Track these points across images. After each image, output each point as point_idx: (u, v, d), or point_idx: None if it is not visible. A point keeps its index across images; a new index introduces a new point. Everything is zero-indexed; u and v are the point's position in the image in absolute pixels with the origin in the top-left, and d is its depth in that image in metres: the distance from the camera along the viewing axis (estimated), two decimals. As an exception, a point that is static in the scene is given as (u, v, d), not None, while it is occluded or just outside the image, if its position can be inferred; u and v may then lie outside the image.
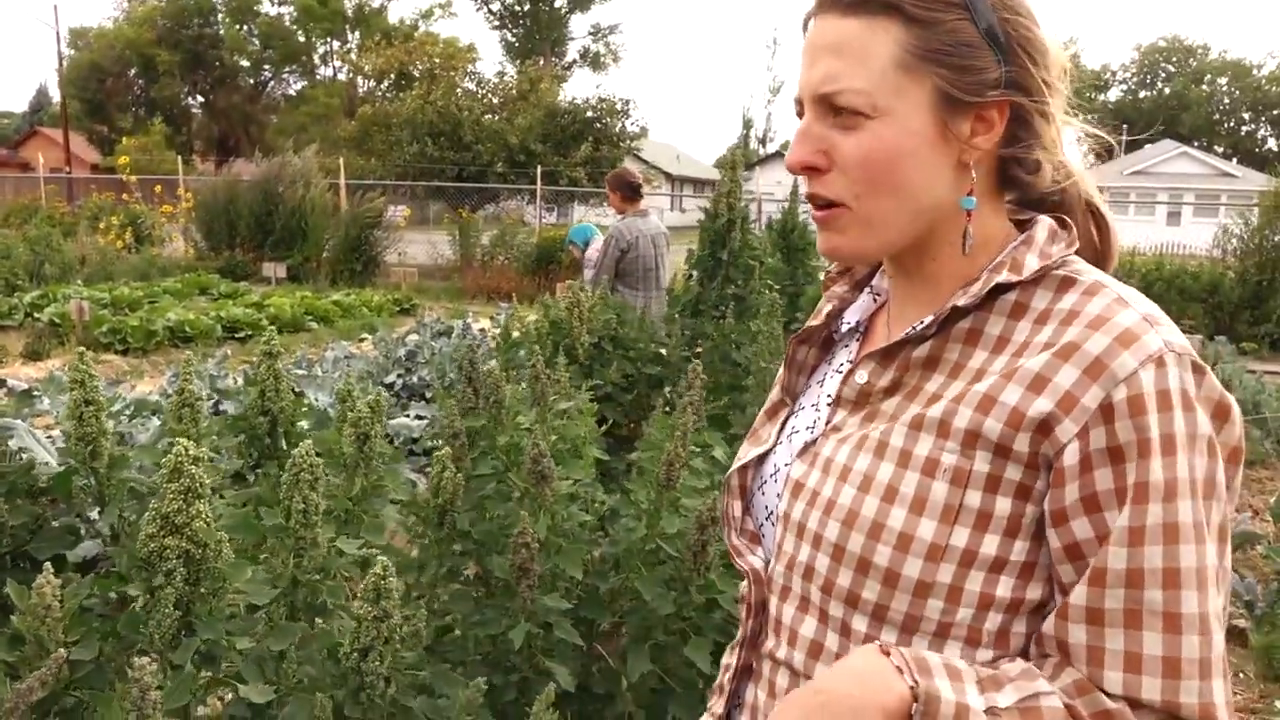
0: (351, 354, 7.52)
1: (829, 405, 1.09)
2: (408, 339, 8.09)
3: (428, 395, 6.84)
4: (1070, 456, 0.88)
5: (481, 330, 8.93)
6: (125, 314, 11.62)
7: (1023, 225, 1.05)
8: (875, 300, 1.16)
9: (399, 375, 6.99)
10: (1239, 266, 13.61)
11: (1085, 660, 0.88)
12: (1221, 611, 0.89)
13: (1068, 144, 1.05)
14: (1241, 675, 4.11)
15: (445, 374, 7.08)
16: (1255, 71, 72.38)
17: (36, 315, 11.52)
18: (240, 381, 6.67)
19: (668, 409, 3.21)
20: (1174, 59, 74.40)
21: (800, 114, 1.02)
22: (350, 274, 17.12)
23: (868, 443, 0.99)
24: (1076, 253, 1.01)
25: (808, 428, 1.11)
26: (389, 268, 17.90)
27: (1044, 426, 0.89)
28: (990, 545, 0.91)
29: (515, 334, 3.93)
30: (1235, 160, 54.63)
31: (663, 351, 4.29)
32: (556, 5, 56.45)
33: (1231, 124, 74.70)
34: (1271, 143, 72.84)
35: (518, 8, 56.68)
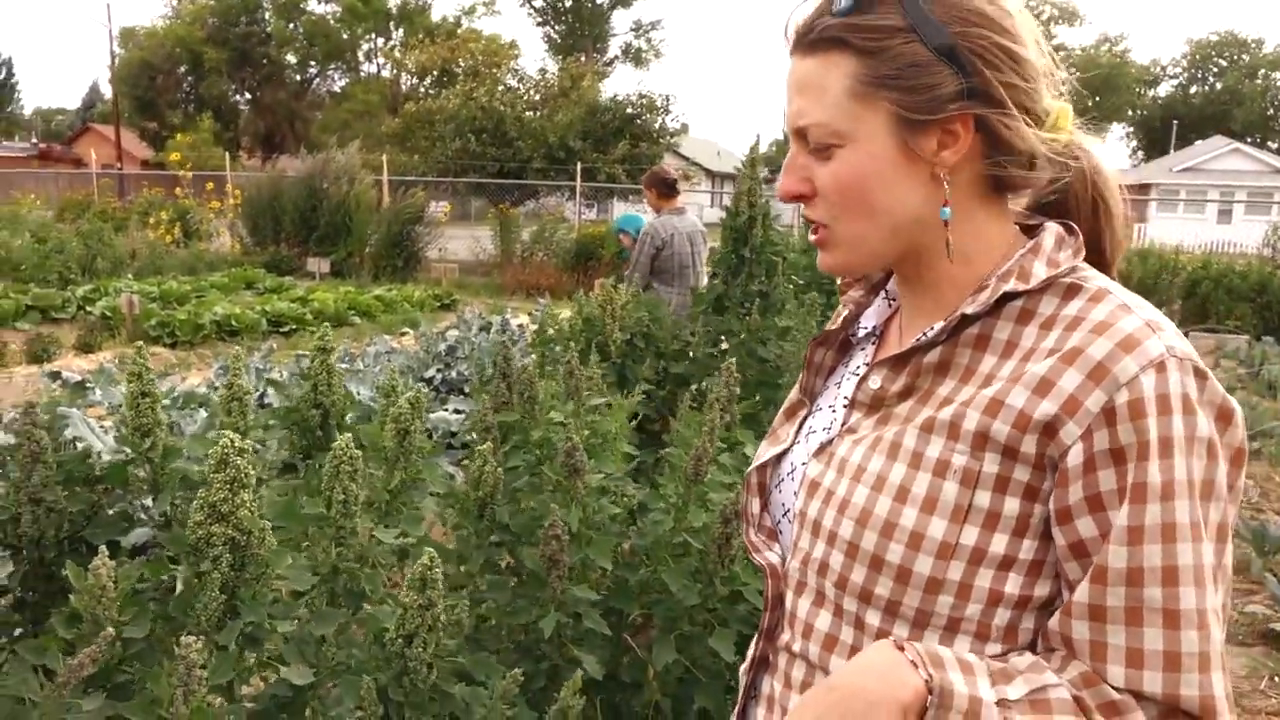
0: (393, 348, 7.66)
1: (845, 407, 1.13)
2: (448, 334, 8.22)
3: (466, 390, 6.94)
4: (1074, 458, 0.91)
5: (520, 326, 9.03)
6: (174, 308, 11.89)
7: (1031, 230, 1.07)
8: (890, 305, 1.20)
9: (439, 370, 7.10)
10: (1289, 265, 13.36)
11: (1089, 655, 0.91)
12: (1221, 608, 0.92)
13: (1070, 123, 1.06)
14: (1277, 679, 4.07)
15: (484, 369, 7.19)
16: (1312, 66, 70.56)
17: (88, 308, 11.85)
18: (285, 374, 6.82)
19: (694, 405, 3.26)
20: (1227, 53, 72.74)
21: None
22: (392, 269, 17.35)
23: (881, 444, 1.02)
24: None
25: (824, 428, 1.15)
26: (430, 263, 18.11)
27: (1049, 429, 0.92)
28: (999, 544, 0.95)
29: (550, 331, 4.00)
30: (1290, 157, 53.24)
31: (688, 349, 4.34)
32: (599, 1, 56.55)
33: (1287, 120, 72.87)
34: (1328, 139, 70.96)
35: (560, 4, 56.87)
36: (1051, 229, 1.05)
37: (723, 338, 4.33)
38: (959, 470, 0.96)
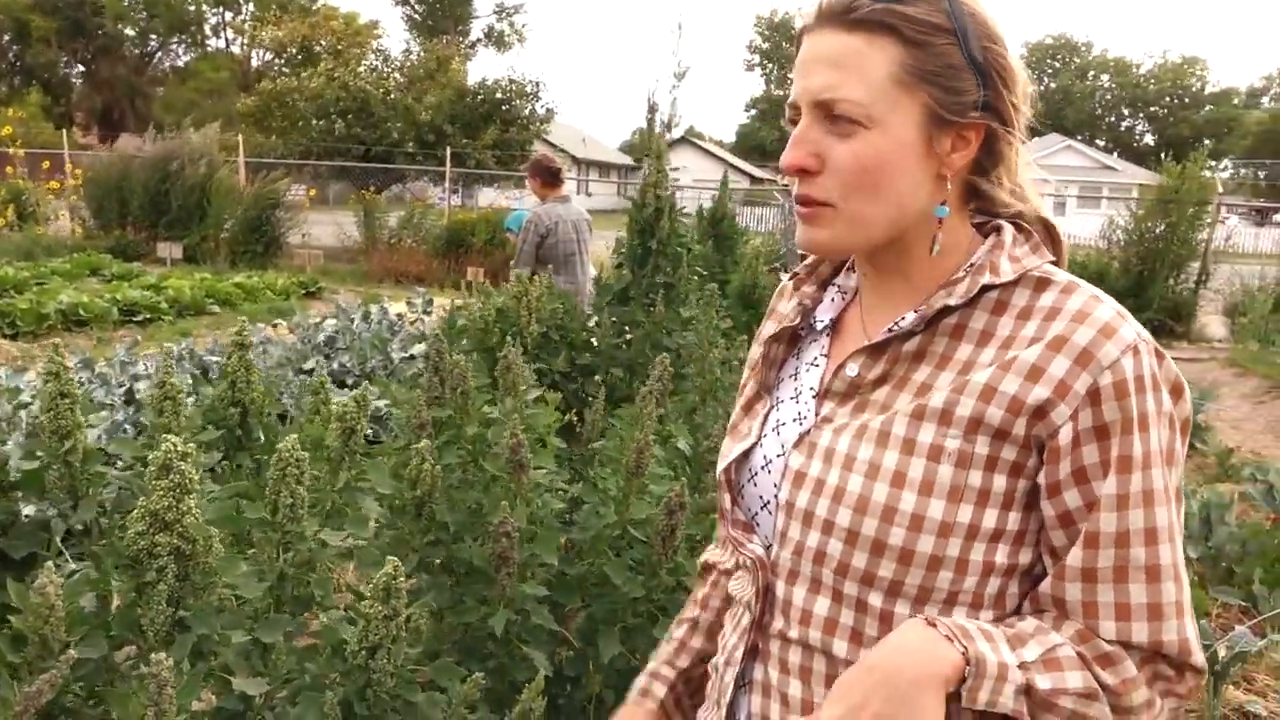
0: (268, 339, 7.34)
1: (814, 398, 1.16)
2: (326, 324, 7.93)
3: (349, 382, 6.74)
4: (1064, 436, 0.99)
5: (399, 315, 8.80)
6: (12, 296, 11.04)
7: (982, 229, 1.14)
8: (843, 298, 1.23)
9: (318, 362, 6.86)
10: (1123, 256, 14.35)
11: (1081, 614, 1.01)
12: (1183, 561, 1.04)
13: (1024, 165, 1.14)
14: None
15: (367, 360, 6.99)
16: (1135, 70, 75.98)
17: (-88, 297, 10.89)
18: (149, 367, 6.45)
19: (606, 399, 3.27)
20: (1060, 55, 77.46)
21: (793, 120, 1.11)
22: (251, 255, 16.58)
23: (869, 433, 1.06)
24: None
25: (794, 420, 1.17)
26: (292, 249, 17.40)
27: (1040, 411, 1.00)
28: (990, 519, 1.02)
29: (461, 323, 3.93)
30: (1116, 154, 57.30)
31: (594, 341, 4.34)
32: (460, -18, 55.48)
33: (1112, 119, 78.30)
34: (1149, 138, 76.60)
35: (420, -17, 55.53)
36: (1008, 228, 1.12)
37: (626, 329, 4.34)
38: (953, 453, 1.01)
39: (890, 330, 1.10)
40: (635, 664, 2.39)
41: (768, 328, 1.29)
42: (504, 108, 20.96)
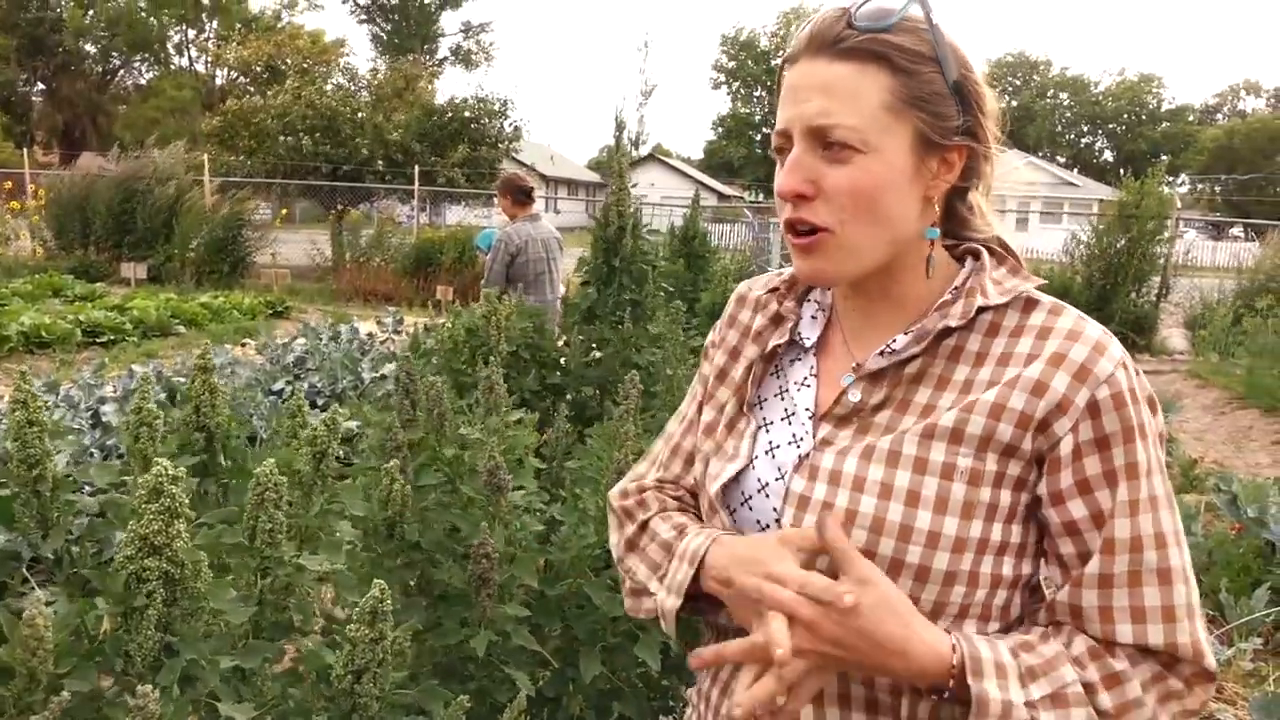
0: (236, 360, 7.27)
1: (811, 419, 1.17)
2: (295, 344, 7.87)
3: (320, 403, 6.68)
4: (1065, 447, 1.04)
5: (369, 335, 8.75)
6: (-29, 317, 10.85)
7: (953, 252, 1.18)
8: (824, 315, 1.24)
9: (288, 382, 6.81)
10: (1086, 271, 14.57)
11: (1098, 620, 1.04)
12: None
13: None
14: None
15: (338, 381, 6.94)
16: (1093, 88, 77.39)
17: None
18: (116, 390, 6.36)
19: (570, 417, 3.26)
20: (1019, 74, 78.72)
21: (780, 149, 1.12)
22: (218, 275, 16.43)
23: (877, 454, 1.08)
24: None
25: (789, 443, 1.17)
26: (259, 269, 17.26)
27: (1043, 425, 1.04)
28: (997, 532, 1.06)
29: (429, 342, 3.92)
30: (1076, 170, 58.23)
31: (562, 360, 4.33)
32: (426, 1, 55.49)
33: (1072, 136, 79.63)
34: (1108, 154, 77.95)
35: (386, 2, 55.46)
36: (984, 251, 1.16)
37: (594, 347, 4.35)
38: (965, 471, 1.05)
39: (884, 353, 1.12)
40: (616, 684, 2.40)
41: (731, 337, 1.29)
42: (472, 126, 20.95)
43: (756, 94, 74.39)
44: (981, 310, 1.10)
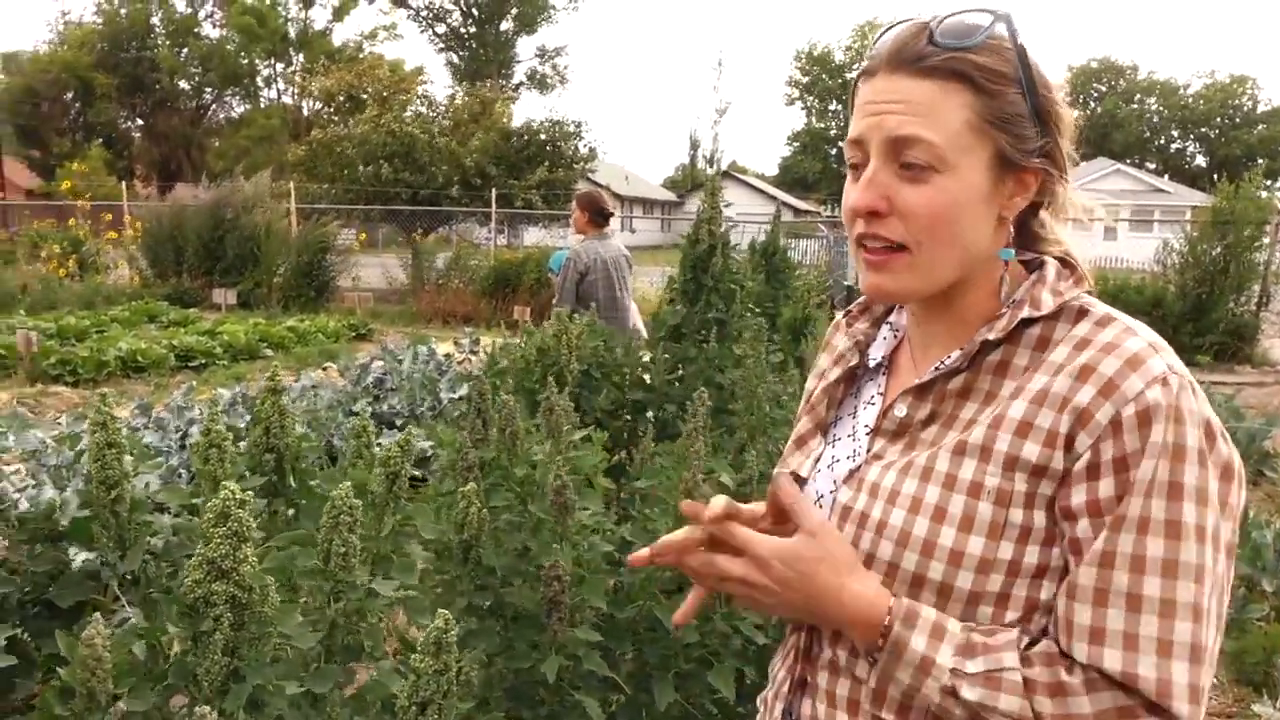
0: (318, 382, 7.42)
1: (867, 435, 1.19)
2: (374, 366, 8.00)
3: (398, 423, 6.77)
4: (1081, 463, 0.99)
5: (446, 356, 8.86)
6: (73, 344, 11.32)
7: (1027, 266, 1.16)
8: (895, 336, 1.26)
9: (368, 403, 6.92)
10: (1179, 280, 14.04)
11: (1063, 631, 0.99)
12: (1218, 616, 0.99)
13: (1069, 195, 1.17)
14: (1216, 680, 4.23)
15: (416, 402, 7.02)
16: (1182, 90, 74.90)
17: (-20, 347, 11.20)
18: (204, 412, 6.54)
19: (654, 436, 3.22)
20: (1105, 79, 76.66)
21: (854, 162, 1.11)
22: (303, 300, 16.91)
23: (913, 468, 1.08)
24: None
25: (847, 457, 1.20)
26: (343, 292, 17.71)
27: (1069, 441, 1.00)
28: (1032, 555, 1.02)
29: (503, 363, 3.93)
30: (1166, 177, 56.40)
31: (647, 378, 4.31)
32: (503, 28, 56.53)
33: (1161, 142, 77.17)
34: (1200, 159, 75.35)
35: (464, 30, 56.68)
36: (1051, 262, 1.14)
37: (679, 365, 4.32)
38: (992, 490, 1.02)
39: (936, 369, 1.12)
40: (690, 712, 2.34)
41: (823, 361, 1.32)
42: (548, 148, 21.23)
43: (831, 108, 73.88)
44: (1028, 323, 1.08)
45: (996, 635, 1.00)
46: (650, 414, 3.98)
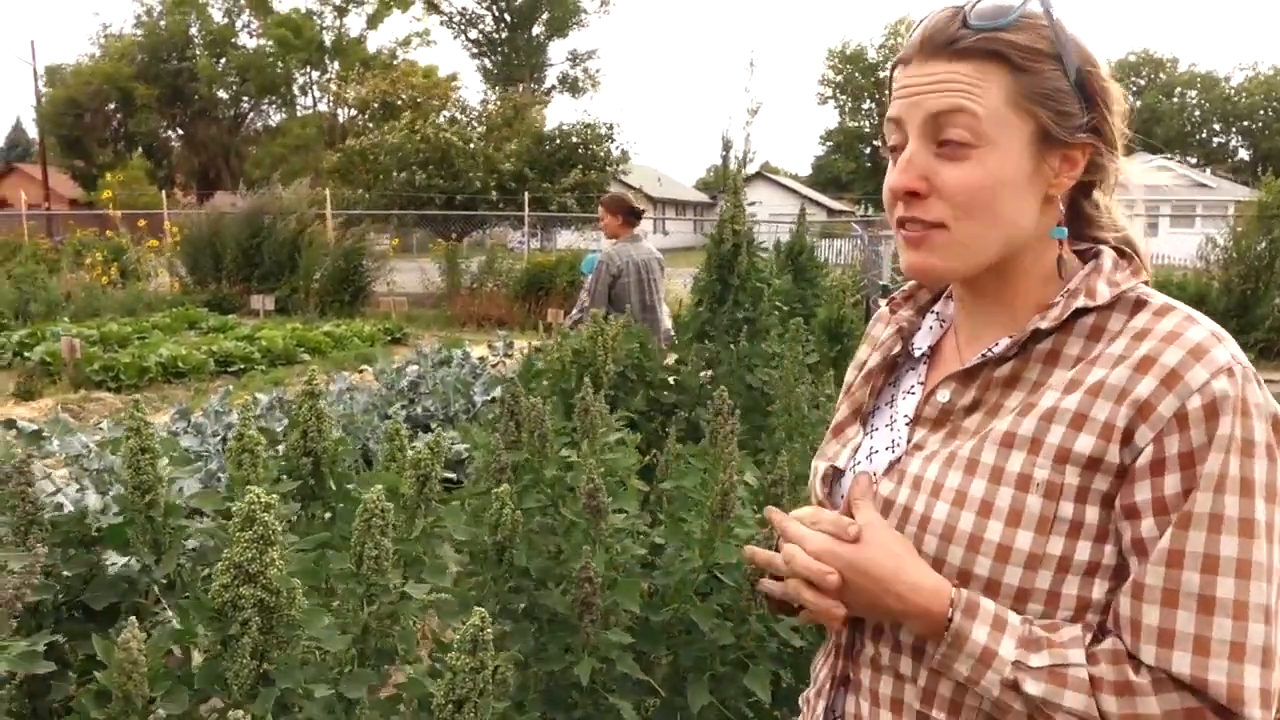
0: (354, 386, 7.47)
1: (907, 425, 1.16)
2: (408, 369, 8.05)
3: (432, 426, 6.79)
4: (1144, 459, 0.95)
5: (481, 359, 8.89)
6: (115, 351, 11.51)
7: (1083, 255, 1.12)
8: (941, 326, 1.23)
9: (403, 406, 6.95)
10: (1224, 276, 13.77)
11: (1128, 631, 0.95)
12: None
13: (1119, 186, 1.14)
14: None
15: (450, 404, 7.05)
16: (1224, 83, 73.58)
17: (25, 354, 11.40)
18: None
19: (680, 436, 3.19)
20: (1144, 72, 75.50)
21: (894, 147, 1.09)
22: (339, 305, 17.06)
23: (957, 460, 1.06)
24: None
25: (887, 448, 1.17)
26: (378, 297, 17.85)
27: (1127, 434, 0.96)
28: (1084, 551, 0.98)
29: (539, 365, 3.92)
30: (1209, 171, 55.39)
31: (676, 379, 4.28)
32: (535, 32, 56.78)
33: (1203, 135, 75.87)
34: (1243, 153, 73.93)
35: (496, 35, 57.00)
36: (1108, 251, 1.10)
37: (707, 366, 4.29)
38: (1041, 484, 0.99)
39: (984, 356, 1.09)
40: (726, 715, 2.30)
41: (862, 351, 1.30)
42: (580, 151, 21.27)
43: (865, 107, 73.41)
44: (1082, 312, 1.05)
45: (1060, 631, 0.97)
46: (683, 414, 3.95)
